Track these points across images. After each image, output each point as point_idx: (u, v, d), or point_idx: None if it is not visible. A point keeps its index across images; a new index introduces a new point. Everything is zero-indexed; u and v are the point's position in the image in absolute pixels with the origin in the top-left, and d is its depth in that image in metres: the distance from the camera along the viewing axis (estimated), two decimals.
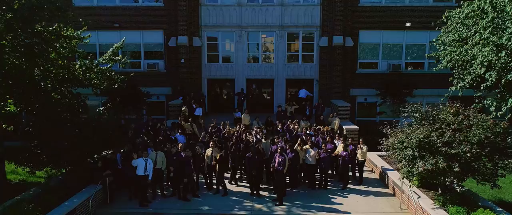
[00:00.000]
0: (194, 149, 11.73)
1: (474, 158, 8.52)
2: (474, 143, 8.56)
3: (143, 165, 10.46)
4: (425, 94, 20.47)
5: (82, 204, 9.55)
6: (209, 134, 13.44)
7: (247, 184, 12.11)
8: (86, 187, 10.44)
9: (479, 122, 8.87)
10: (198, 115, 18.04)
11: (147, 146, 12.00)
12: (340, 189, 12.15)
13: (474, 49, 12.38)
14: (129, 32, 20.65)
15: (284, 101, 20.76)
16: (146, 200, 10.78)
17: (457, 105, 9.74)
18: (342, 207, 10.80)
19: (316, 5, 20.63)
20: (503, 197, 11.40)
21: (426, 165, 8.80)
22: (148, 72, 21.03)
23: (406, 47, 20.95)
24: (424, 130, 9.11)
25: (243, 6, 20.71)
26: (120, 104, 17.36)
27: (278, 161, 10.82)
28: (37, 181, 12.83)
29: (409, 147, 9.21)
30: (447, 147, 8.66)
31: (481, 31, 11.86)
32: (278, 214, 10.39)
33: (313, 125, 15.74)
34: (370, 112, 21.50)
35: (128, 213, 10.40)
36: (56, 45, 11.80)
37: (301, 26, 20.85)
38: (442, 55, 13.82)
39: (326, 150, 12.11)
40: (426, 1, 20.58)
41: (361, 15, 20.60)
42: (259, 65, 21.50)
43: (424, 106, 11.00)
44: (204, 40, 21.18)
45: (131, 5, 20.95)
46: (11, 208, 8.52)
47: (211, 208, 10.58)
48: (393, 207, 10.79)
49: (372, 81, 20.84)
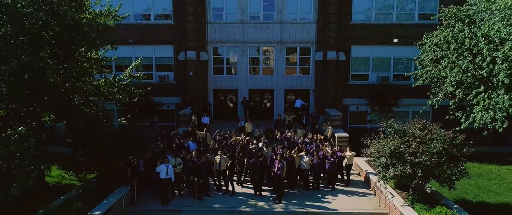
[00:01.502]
0: (205, 155, 13.83)
1: (433, 165, 10.64)
2: (434, 153, 10.69)
3: (165, 170, 12.57)
4: (411, 103, 22.55)
5: (117, 203, 11.66)
6: (218, 142, 15.57)
7: (251, 185, 14.22)
8: (117, 188, 12.53)
9: (438, 136, 11.00)
10: (206, 123, 20.15)
11: (166, 153, 14.13)
12: (330, 190, 14.27)
13: (446, 69, 14.51)
14: (142, 47, 22.80)
15: (283, 110, 22.92)
16: (167, 199, 12.89)
17: (423, 121, 11.87)
18: (330, 205, 12.91)
19: (312, 22, 22.76)
20: (466, 197, 13.51)
21: (396, 171, 10.94)
22: (159, 83, 23.15)
23: (394, 61, 23.09)
24: (395, 142, 11.24)
25: (246, 23, 22.83)
26: (138, 114, 19.44)
27: (277, 167, 12.94)
28: (69, 183, 14.96)
29: (383, 156, 11.35)
30: (412, 157, 10.80)
31: (449, 56, 13.99)
32: (278, 210, 12.52)
33: (309, 133, 17.85)
34: (362, 120, 23.64)
35: (152, 210, 12.52)
36: (89, 69, 13.91)
37: (298, 41, 22.99)
38: (420, 74, 15.95)
39: (318, 157, 14.22)
40: (412, 19, 22.71)
41: (352, 32, 22.73)
42: (260, 77, 23.63)
43: (410, 115, 12.97)
44: (210, 54, 23.32)
45: (144, 23, 23.07)
46: (64, 205, 10.63)
47: (221, 206, 12.71)
48: (373, 205, 12.91)
49: (363, 91, 22.98)
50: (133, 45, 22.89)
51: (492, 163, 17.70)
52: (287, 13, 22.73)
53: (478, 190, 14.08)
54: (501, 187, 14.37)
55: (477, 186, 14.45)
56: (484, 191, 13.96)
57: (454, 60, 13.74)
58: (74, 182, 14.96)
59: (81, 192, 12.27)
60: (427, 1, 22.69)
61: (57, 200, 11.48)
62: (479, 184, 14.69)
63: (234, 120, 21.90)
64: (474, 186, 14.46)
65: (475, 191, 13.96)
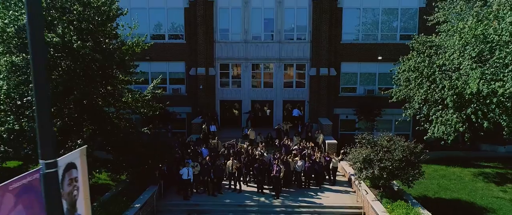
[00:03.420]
0: (219, 159, 17.04)
1: (395, 169, 13.86)
2: (396, 160, 13.91)
3: (186, 172, 15.79)
4: (393, 113, 25.63)
5: (150, 198, 14.87)
6: (227, 149, 18.82)
7: (255, 184, 17.41)
8: (148, 187, 15.74)
9: (398, 146, 14.21)
10: (214, 131, 23.37)
11: (185, 159, 17.34)
12: (319, 189, 17.47)
13: (414, 90, 17.74)
14: (158, 63, 26.04)
15: (282, 119, 26.16)
16: (188, 195, 16.11)
17: (390, 134, 15.10)
18: (318, 200, 16.12)
19: (306, 42, 26.01)
20: (427, 194, 16.72)
21: (367, 173, 14.17)
22: (173, 95, 26.36)
23: (379, 76, 26.32)
24: (367, 151, 14.47)
25: (249, 43, 26.08)
26: (158, 123, 22.66)
27: (276, 170, 16.15)
28: (105, 183, 18.18)
29: (358, 161, 14.58)
30: (379, 162, 14.02)
31: (415, 80, 17.23)
32: (276, 204, 15.74)
33: (303, 140, 21.05)
34: (351, 127, 26.85)
35: (176, 204, 15.75)
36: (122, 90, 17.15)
37: (295, 59, 26.24)
38: (394, 92, 19.17)
39: (310, 161, 17.42)
40: (394, 39, 25.94)
41: (342, 50, 25.97)
42: (261, 89, 26.88)
43: (393, 123, 15.93)
44: (217, 69, 26.57)
45: (160, 42, 26.26)
46: (111, 199, 13.85)
47: (231, 201, 15.94)
48: (352, 200, 16.13)
49: (351, 102, 26.21)
50: (150, 61, 26.05)
51: (458, 166, 20.88)
52: (285, 34, 25.99)
53: (438, 188, 17.29)
54: (458, 186, 17.58)
55: (439, 185, 17.67)
56: (443, 189, 17.18)
57: (419, 83, 17.01)
58: (109, 182, 18.18)
59: (120, 189, 15.50)
60: (408, 23, 25.94)
61: (104, 196, 14.70)
62: (440, 183, 17.90)
63: (238, 127, 25.16)
64: (436, 185, 17.68)
65: (436, 189, 17.18)
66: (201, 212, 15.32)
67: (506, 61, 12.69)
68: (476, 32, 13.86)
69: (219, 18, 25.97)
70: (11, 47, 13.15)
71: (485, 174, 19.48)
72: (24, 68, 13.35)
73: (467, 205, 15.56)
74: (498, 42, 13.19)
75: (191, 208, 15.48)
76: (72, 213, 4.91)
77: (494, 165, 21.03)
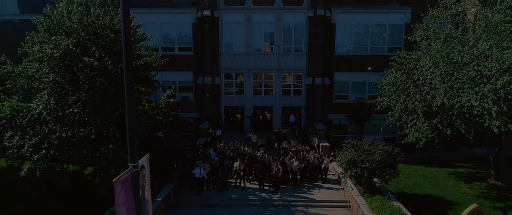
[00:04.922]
0: (226, 160, 19.74)
1: (375, 169, 16.57)
2: (375, 161, 16.62)
3: (199, 172, 18.52)
4: (381, 118, 28.32)
5: (168, 193, 17.60)
6: (232, 151, 21.56)
7: (256, 182, 20.14)
8: (166, 184, 18.47)
9: (378, 149, 16.92)
10: (219, 135, 26.11)
11: (196, 160, 20.06)
12: (312, 186, 20.18)
13: (394, 101, 20.46)
14: (168, 73, 28.72)
15: (281, 124, 28.90)
16: (199, 191, 18.83)
17: (371, 139, 17.81)
18: (311, 196, 18.84)
19: (303, 54, 28.74)
20: (404, 190, 19.43)
21: (351, 172, 16.90)
22: (182, 102, 29.11)
23: (368, 84, 29.01)
24: (351, 153, 17.18)
25: (251, 54, 28.81)
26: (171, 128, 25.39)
27: (275, 170, 18.88)
28: None
29: (344, 162, 17.30)
30: (361, 163, 16.74)
31: (394, 92, 19.94)
32: (275, 199, 18.47)
33: (299, 143, 23.77)
34: (343, 131, 29.59)
35: (190, 199, 18.46)
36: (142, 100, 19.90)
37: (292, 69, 28.98)
38: (378, 102, 21.89)
39: (304, 162, 20.13)
40: (382, 51, 28.67)
41: (336, 61, 28.70)
42: (262, 97, 29.62)
43: (381, 127, 18.55)
44: (222, 78, 29.30)
45: (170, 54, 28.97)
46: None
47: (237, 196, 18.65)
48: (340, 196, 18.84)
49: (344, 108, 28.95)
50: (161, 71, 28.66)
51: (436, 166, 23.57)
52: (283, 46, 28.72)
53: (415, 186, 20.00)
54: (432, 183, 20.29)
55: (416, 183, 20.38)
56: (419, 186, 19.88)
57: (396, 97, 19.77)
58: None
59: None
60: (395, 37, 28.65)
61: None
62: (417, 181, 20.62)
63: (241, 130, 27.89)
64: (413, 183, 20.39)
65: (413, 186, 19.89)
66: (212, 206, 18.04)
67: (464, 79, 15.43)
68: (443, 53, 16.62)
69: (224, 33, 28.73)
70: (56, 68, 15.85)
71: (458, 173, 22.20)
72: (65, 84, 16.11)
73: (437, 199, 18.27)
74: (460, 63, 15.93)
75: (203, 202, 18.22)
76: (142, 196, 7.66)
77: (468, 165, 23.74)
